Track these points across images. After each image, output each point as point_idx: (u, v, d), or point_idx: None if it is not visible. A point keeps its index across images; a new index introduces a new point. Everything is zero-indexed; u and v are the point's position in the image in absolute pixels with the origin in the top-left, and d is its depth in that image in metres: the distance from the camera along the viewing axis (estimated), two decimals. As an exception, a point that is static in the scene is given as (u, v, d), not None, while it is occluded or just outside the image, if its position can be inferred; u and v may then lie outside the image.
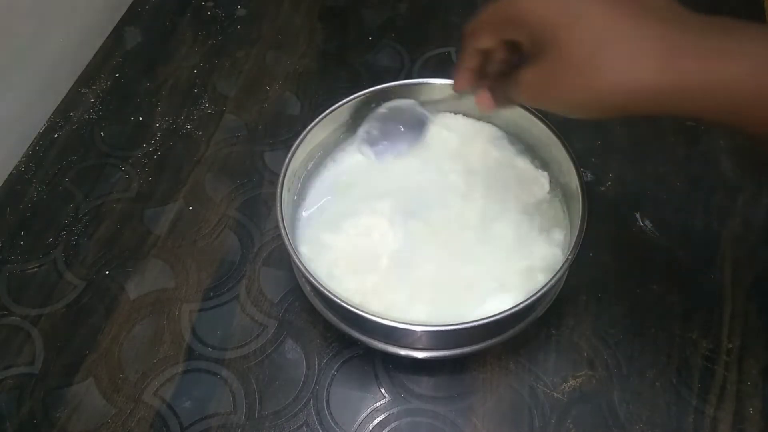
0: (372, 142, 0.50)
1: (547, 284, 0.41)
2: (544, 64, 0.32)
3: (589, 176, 0.56)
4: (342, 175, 0.51)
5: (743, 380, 0.46)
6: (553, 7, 0.31)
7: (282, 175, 0.45)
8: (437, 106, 0.50)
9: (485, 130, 0.52)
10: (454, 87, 0.42)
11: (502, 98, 0.38)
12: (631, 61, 0.30)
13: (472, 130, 0.53)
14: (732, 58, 0.29)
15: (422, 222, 0.48)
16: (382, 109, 0.50)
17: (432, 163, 0.51)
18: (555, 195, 0.49)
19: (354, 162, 0.52)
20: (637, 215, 0.54)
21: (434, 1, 0.72)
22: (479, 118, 0.53)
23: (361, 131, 0.50)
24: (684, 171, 0.56)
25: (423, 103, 0.49)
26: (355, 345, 0.47)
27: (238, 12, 0.71)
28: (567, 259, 0.41)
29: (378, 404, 0.46)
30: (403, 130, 0.50)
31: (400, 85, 0.50)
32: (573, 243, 0.42)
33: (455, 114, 0.53)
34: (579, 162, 0.45)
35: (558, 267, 0.42)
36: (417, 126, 0.49)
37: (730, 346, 0.47)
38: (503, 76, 0.37)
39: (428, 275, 0.46)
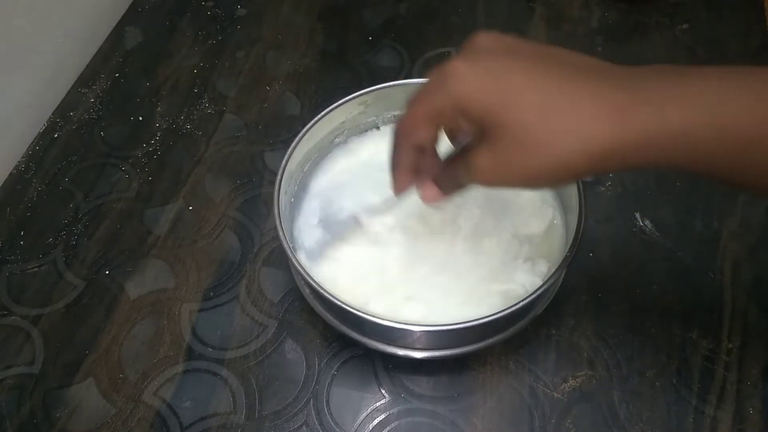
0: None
1: (546, 283, 0.41)
2: (494, 148, 0.31)
3: (589, 176, 0.56)
4: (340, 175, 0.51)
5: (743, 380, 0.46)
6: (488, 90, 0.30)
7: (279, 176, 0.45)
8: (376, 213, 0.47)
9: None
10: (395, 191, 0.39)
11: (450, 185, 0.37)
12: (580, 127, 0.29)
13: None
14: (677, 105, 0.29)
15: (420, 224, 0.48)
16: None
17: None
18: (552, 232, 0.47)
19: (353, 162, 0.52)
20: (637, 215, 0.54)
21: (434, 1, 0.72)
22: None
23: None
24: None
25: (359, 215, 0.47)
26: (354, 345, 0.47)
27: (238, 12, 0.71)
28: (566, 257, 0.41)
29: (378, 404, 0.46)
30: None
31: (400, 85, 0.50)
32: (571, 242, 0.42)
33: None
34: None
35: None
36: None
37: (730, 346, 0.47)
38: (446, 163, 0.37)
39: (424, 277, 0.45)
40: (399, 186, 0.39)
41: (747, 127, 0.29)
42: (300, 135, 0.47)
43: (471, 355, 0.46)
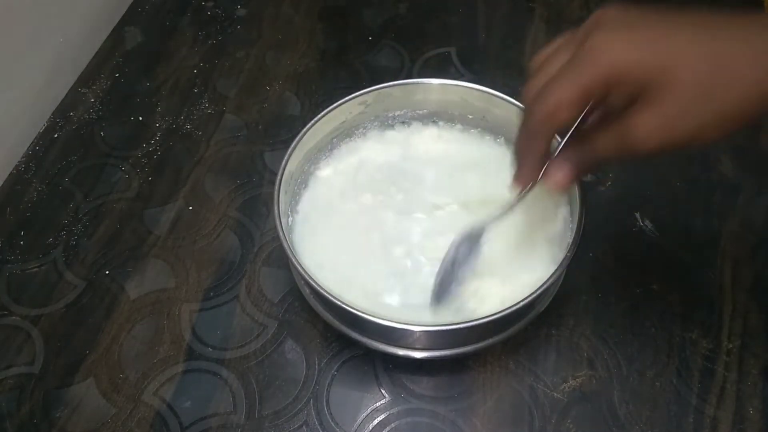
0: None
1: (546, 283, 0.41)
2: (663, 107, 0.30)
3: (589, 176, 0.56)
4: (340, 174, 0.51)
5: (743, 380, 0.46)
6: (647, 53, 0.30)
7: (279, 176, 0.45)
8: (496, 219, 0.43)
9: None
10: (521, 184, 0.37)
11: (584, 163, 0.35)
12: (746, 70, 0.30)
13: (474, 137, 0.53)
14: None
15: (419, 223, 0.48)
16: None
17: (436, 168, 0.51)
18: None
19: (352, 162, 0.52)
20: (637, 215, 0.54)
21: (434, 1, 0.72)
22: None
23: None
24: (684, 171, 0.56)
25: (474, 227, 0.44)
26: (355, 345, 0.47)
27: (238, 12, 0.71)
28: (566, 256, 0.41)
29: (378, 404, 0.46)
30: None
31: (400, 85, 0.50)
32: (571, 241, 0.42)
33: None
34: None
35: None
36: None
37: (730, 346, 0.47)
38: (574, 142, 0.34)
39: (425, 276, 0.46)
40: (527, 178, 0.36)
41: None
42: (300, 135, 0.47)
43: (471, 355, 0.46)
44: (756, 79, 0.30)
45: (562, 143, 0.36)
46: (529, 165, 0.36)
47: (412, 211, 0.49)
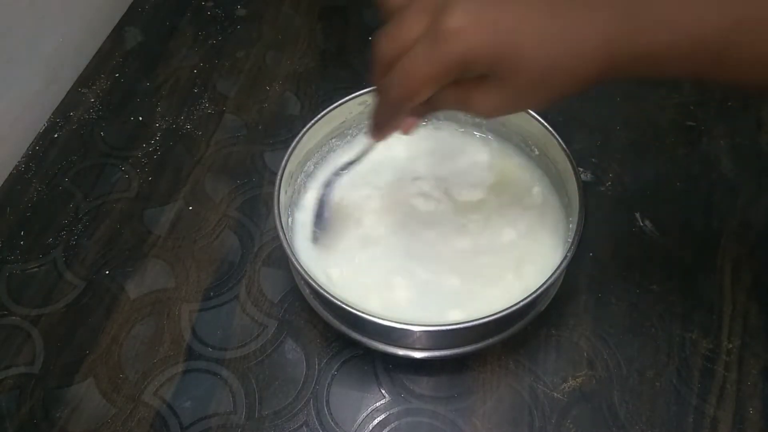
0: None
1: (546, 283, 0.41)
2: (500, 86, 0.33)
3: (589, 176, 0.56)
4: (340, 174, 0.51)
5: (743, 380, 0.46)
6: (492, 38, 0.31)
7: (279, 176, 0.45)
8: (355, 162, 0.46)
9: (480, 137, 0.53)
10: (374, 138, 0.39)
11: (424, 112, 0.37)
12: (578, 56, 0.31)
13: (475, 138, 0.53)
14: (655, 31, 0.31)
15: (419, 223, 0.48)
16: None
17: (435, 166, 0.51)
18: (552, 232, 0.47)
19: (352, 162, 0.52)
20: (637, 215, 0.54)
21: (434, 1, 0.71)
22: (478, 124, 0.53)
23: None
24: (684, 171, 0.56)
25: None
26: (355, 345, 0.47)
27: (238, 12, 0.71)
28: (566, 256, 0.41)
29: (378, 404, 0.46)
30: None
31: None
32: (571, 241, 0.42)
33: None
34: (578, 162, 0.45)
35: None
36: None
37: (730, 346, 0.47)
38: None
39: (424, 275, 0.46)
40: (379, 137, 0.39)
41: (724, 31, 0.31)
42: (300, 135, 0.47)
43: (471, 355, 0.46)
44: (584, 60, 0.31)
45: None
46: (387, 128, 0.38)
47: (415, 211, 0.49)
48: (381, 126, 0.38)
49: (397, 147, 0.52)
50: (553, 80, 0.32)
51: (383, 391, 0.46)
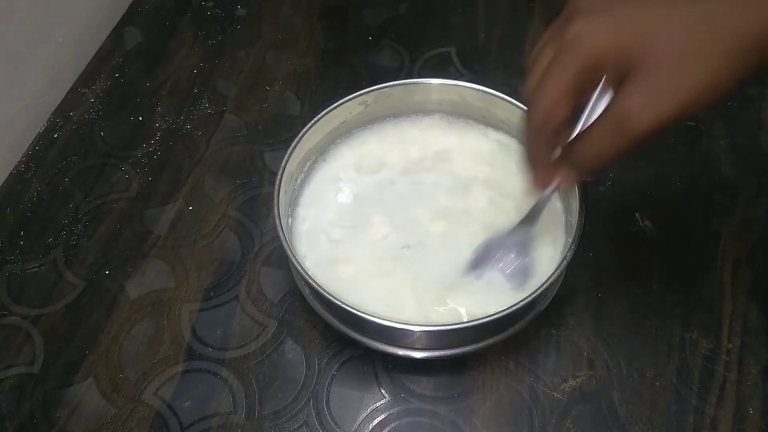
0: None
1: (545, 283, 0.41)
2: (646, 82, 0.30)
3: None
4: (340, 174, 0.51)
5: (743, 380, 0.46)
6: (624, 33, 0.30)
7: (279, 176, 0.45)
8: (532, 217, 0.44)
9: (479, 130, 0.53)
10: (538, 188, 0.37)
11: (589, 161, 0.34)
12: (724, 31, 0.29)
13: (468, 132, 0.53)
14: None
15: (418, 222, 0.48)
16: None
17: (436, 168, 0.51)
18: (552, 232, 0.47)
19: (352, 162, 0.52)
20: (637, 215, 0.54)
21: (434, 1, 0.72)
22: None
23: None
24: (684, 171, 0.56)
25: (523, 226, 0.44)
26: (354, 345, 0.47)
27: (238, 12, 0.71)
28: (566, 256, 0.41)
29: (378, 404, 0.46)
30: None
31: (400, 85, 0.50)
32: (572, 241, 0.42)
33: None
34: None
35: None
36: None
37: (730, 346, 0.47)
38: (573, 143, 0.34)
39: (425, 275, 0.46)
40: (543, 181, 0.37)
41: None
42: (300, 135, 0.47)
43: (471, 355, 0.46)
44: (735, 29, 0.29)
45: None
46: (542, 168, 0.36)
47: (414, 208, 0.49)
48: (532, 161, 0.36)
49: (397, 148, 0.52)
50: (698, 66, 0.30)
51: (383, 391, 0.46)
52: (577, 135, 0.35)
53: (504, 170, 0.50)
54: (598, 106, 0.35)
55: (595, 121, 0.33)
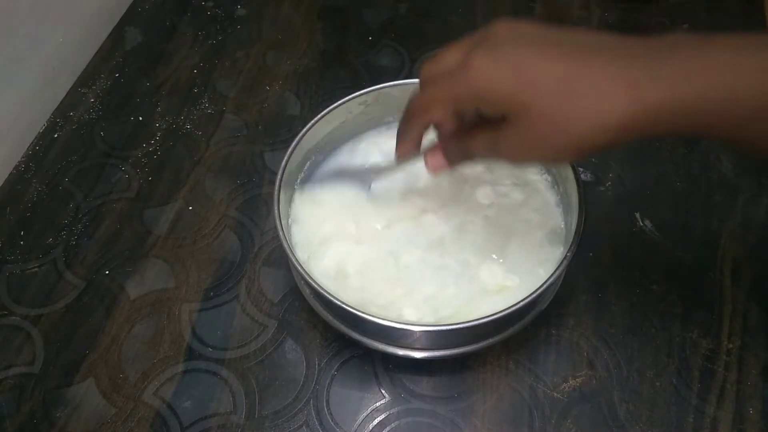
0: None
1: (546, 282, 0.41)
2: (518, 130, 0.33)
3: (589, 176, 0.56)
4: (341, 174, 0.51)
5: (743, 380, 0.46)
6: (508, 81, 0.32)
7: (279, 176, 0.45)
8: (382, 172, 0.49)
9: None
10: (397, 157, 0.42)
11: (459, 157, 0.39)
12: (596, 106, 0.31)
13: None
14: (686, 77, 0.30)
15: (418, 223, 0.48)
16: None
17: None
18: (552, 232, 0.48)
19: (353, 162, 0.52)
20: (637, 215, 0.54)
21: (434, 1, 0.72)
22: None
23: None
24: (684, 171, 0.56)
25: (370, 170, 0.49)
26: (354, 345, 0.47)
27: (238, 12, 0.71)
28: (566, 256, 0.41)
29: (378, 404, 0.46)
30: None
31: (400, 85, 0.50)
32: (571, 241, 0.42)
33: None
34: (578, 162, 0.45)
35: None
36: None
37: (730, 346, 0.47)
38: (456, 135, 0.38)
39: (424, 275, 0.46)
40: (401, 153, 0.41)
41: (758, 96, 0.30)
42: (300, 135, 0.47)
43: (471, 355, 0.46)
44: (602, 113, 0.31)
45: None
46: (407, 142, 0.40)
47: (415, 211, 0.49)
48: (399, 135, 0.40)
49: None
50: (571, 126, 0.31)
51: (383, 391, 0.46)
52: (465, 128, 0.37)
53: (505, 169, 0.50)
54: None
55: (481, 129, 0.36)
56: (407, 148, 0.40)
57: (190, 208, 0.56)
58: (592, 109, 0.31)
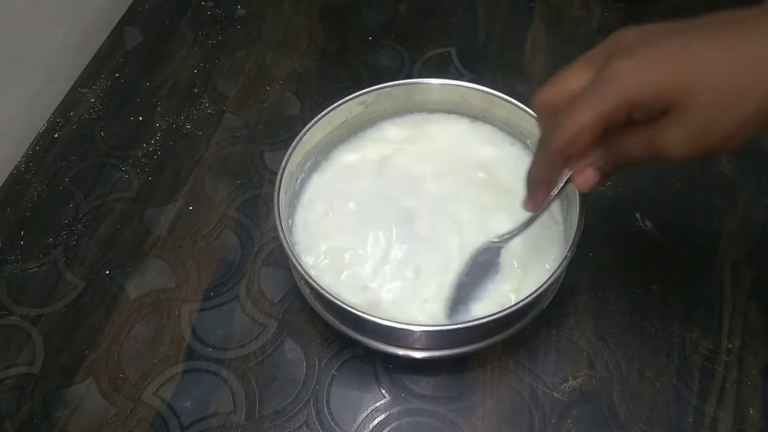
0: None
1: (546, 282, 0.41)
2: (685, 121, 0.31)
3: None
4: (340, 174, 0.51)
5: (743, 380, 0.46)
6: (663, 73, 0.31)
7: (279, 176, 0.45)
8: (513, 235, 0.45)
9: (483, 129, 0.53)
10: (532, 207, 0.38)
11: (611, 166, 0.35)
12: (761, 77, 0.30)
13: (472, 131, 0.53)
14: None
15: (417, 223, 0.48)
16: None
17: (438, 168, 0.51)
18: (552, 232, 0.47)
19: (352, 162, 0.52)
20: (637, 215, 0.54)
21: (434, 1, 0.72)
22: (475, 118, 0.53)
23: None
24: (684, 171, 0.56)
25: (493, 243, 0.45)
26: (355, 345, 0.47)
27: (238, 12, 0.71)
28: (566, 256, 0.41)
29: (378, 404, 0.46)
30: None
31: (400, 85, 0.50)
32: (572, 241, 0.42)
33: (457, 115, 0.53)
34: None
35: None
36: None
37: (730, 346, 0.47)
38: (601, 146, 0.35)
39: (423, 275, 0.46)
40: (537, 201, 0.38)
41: None
42: (300, 135, 0.47)
43: (471, 355, 0.46)
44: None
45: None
46: (543, 190, 0.37)
47: (415, 212, 0.49)
48: (536, 182, 0.37)
49: (396, 148, 0.52)
50: (741, 102, 0.30)
51: (383, 391, 0.46)
52: (605, 135, 0.34)
53: (505, 169, 0.50)
54: None
55: (630, 132, 0.33)
56: (546, 194, 0.37)
57: (190, 208, 0.56)
58: (759, 81, 0.30)
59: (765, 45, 0.30)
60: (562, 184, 0.38)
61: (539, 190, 0.37)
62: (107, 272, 0.52)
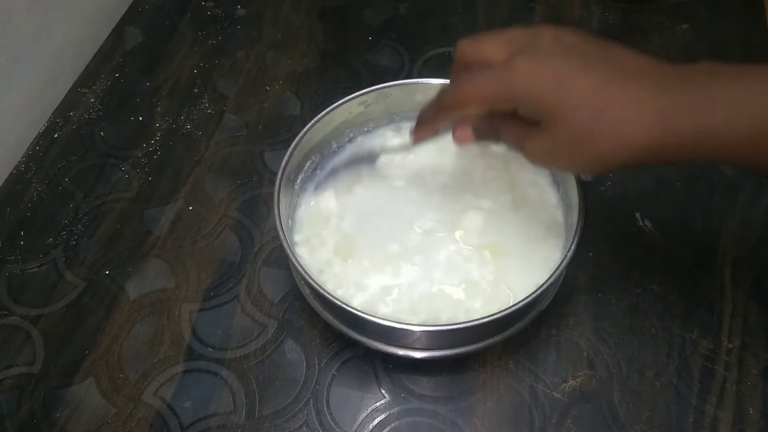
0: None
1: (546, 282, 0.41)
2: (549, 136, 0.35)
3: (589, 176, 0.56)
4: (340, 174, 0.51)
5: (743, 380, 0.46)
6: (549, 88, 0.33)
7: (279, 176, 0.45)
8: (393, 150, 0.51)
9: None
10: (414, 138, 0.43)
11: (486, 137, 0.40)
12: (625, 128, 0.33)
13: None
14: (710, 109, 0.32)
15: (419, 222, 0.48)
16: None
17: (438, 168, 0.51)
18: (552, 232, 0.48)
19: (352, 162, 0.52)
20: (637, 215, 0.54)
21: (434, 1, 0.72)
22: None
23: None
24: (684, 171, 0.56)
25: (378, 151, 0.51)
26: (355, 345, 0.47)
27: (238, 12, 0.71)
28: (565, 256, 0.41)
29: (378, 404, 0.46)
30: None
31: (400, 85, 0.50)
32: (572, 241, 0.42)
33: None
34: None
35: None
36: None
37: (730, 346, 0.47)
38: (492, 118, 0.39)
39: (422, 275, 0.46)
40: (420, 136, 0.42)
41: None
42: (300, 135, 0.47)
43: (471, 355, 0.46)
44: (629, 133, 0.33)
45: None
46: (429, 128, 0.41)
47: (415, 211, 0.49)
48: (424, 121, 0.41)
49: (400, 151, 0.52)
50: (598, 142, 0.33)
51: (383, 391, 0.46)
52: (495, 114, 0.39)
53: (506, 170, 0.50)
54: None
55: (512, 123, 0.37)
56: (427, 132, 0.42)
57: (190, 208, 0.56)
58: (620, 129, 0.33)
59: (638, 99, 0.33)
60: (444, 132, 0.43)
61: (424, 129, 0.42)
62: (107, 272, 0.52)
